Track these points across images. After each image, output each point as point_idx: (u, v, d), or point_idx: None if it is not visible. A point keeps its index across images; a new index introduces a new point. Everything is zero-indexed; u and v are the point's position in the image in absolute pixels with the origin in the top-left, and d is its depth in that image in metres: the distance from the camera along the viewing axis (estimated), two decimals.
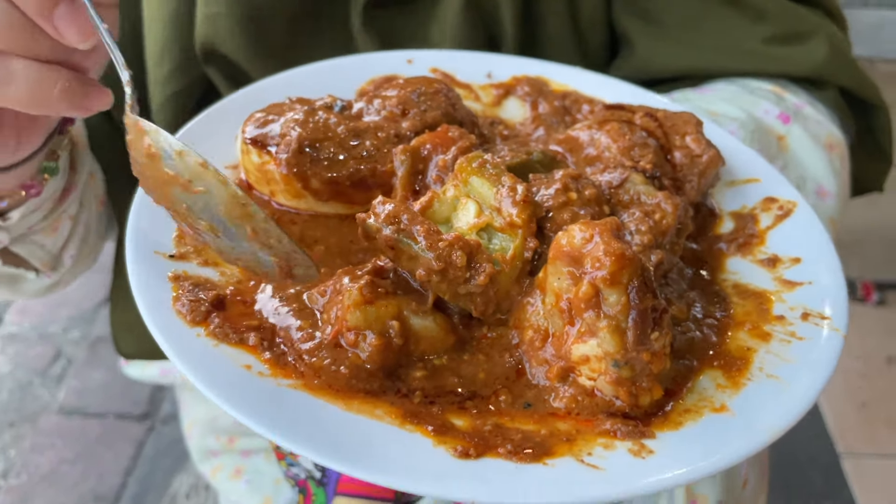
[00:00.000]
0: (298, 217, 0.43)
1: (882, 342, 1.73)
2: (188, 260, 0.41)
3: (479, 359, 0.37)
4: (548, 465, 0.33)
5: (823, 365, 0.39)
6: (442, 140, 0.42)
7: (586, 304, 0.33)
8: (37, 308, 2.07)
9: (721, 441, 0.35)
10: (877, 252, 1.79)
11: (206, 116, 0.49)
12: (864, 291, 1.81)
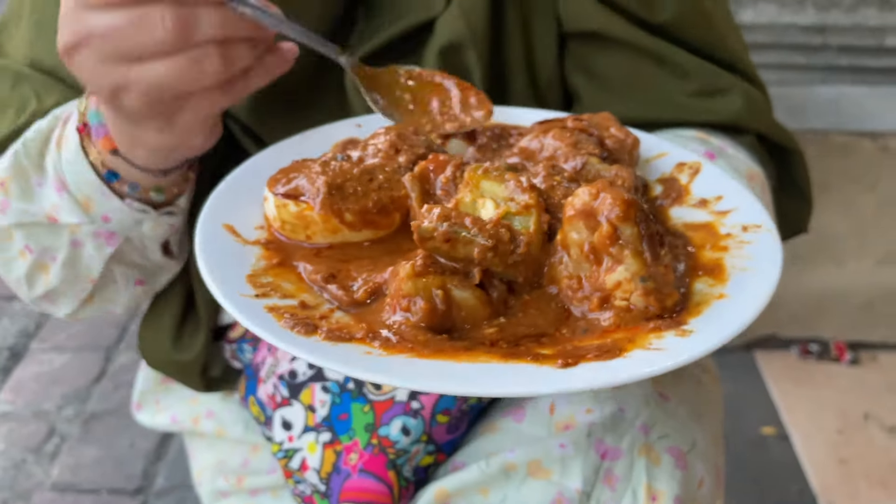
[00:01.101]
0: (331, 250, 0.50)
1: (858, 400, 1.79)
2: (269, 297, 0.46)
3: (531, 313, 0.45)
4: (626, 357, 0.42)
5: (776, 251, 0.51)
6: (437, 163, 0.51)
7: (610, 241, 0.43)
8: (31, 386, 2.10)
9: (733, 312, 0.46)
10: (847, 314, 1.87)
11: (224, 188, 0.56)
12: (838, 352, 1.88)
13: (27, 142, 0.66)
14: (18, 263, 0.69)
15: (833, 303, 1.87)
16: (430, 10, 0.70)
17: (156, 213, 0.65)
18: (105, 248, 0.66)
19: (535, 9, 0.72)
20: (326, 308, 0.45)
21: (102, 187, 0.63)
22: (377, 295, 0.44)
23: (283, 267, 0.47)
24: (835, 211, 1.72)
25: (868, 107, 1.73)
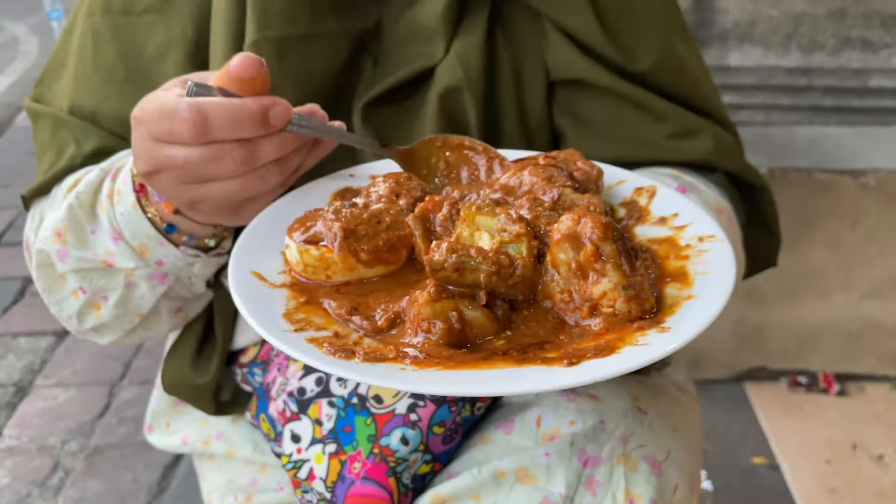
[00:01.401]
0: (348, 286, 0.56)
1: (846, 430, 1.83)
2: (306, 331, 0.51)
3: (532, 325, 0.52)
4: (619, 353, 0.48)
5: (730, 256, 0.57)
6: (434, 203, 0.58)
7: (594, 258, 0.50)
8: (36, 421, 2.13)
9: (702, 309, 0.52)
10: (834, 346, 1.92)
11: (245, 240, 0.61)
12: (826, 383, 1.92)
13: (80, 195, 0.72)
14: (70, 302, 0.74)
15: (820, 335, 1.91)
16: (431, 58, 0.76)
17: (206, 256, 0.71)
18: (158, 287, 0.72)
19: (526, 58, 0.78)
20: (356, 336, 0.51)
21: (160, 238, 0.68)
22: (396, 322, 0.50)
23: (311, 304, 0.53)
24: (820, 246, 1.77)
25: (849, 146, 1.80)
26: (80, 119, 0.78)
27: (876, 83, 2.43)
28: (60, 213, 0.72)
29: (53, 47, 0.85)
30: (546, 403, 0.65)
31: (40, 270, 0.75)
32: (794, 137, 1.85)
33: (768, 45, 2.38)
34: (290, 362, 0.71)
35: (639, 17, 0.79)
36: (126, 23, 0.76)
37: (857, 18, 2.33)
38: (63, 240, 0.72)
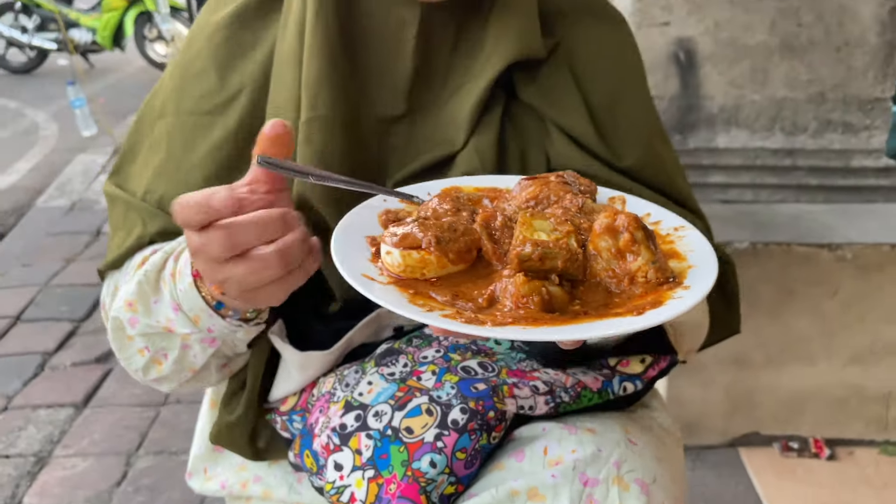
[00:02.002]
0: (438, 280, 0.67)
1: (837, 494, 1.90)
2: (435, 311, 0.62)
3: (590, 296, 0.64)
4: (667, 304, 0.60)
5: (702, 238, 0.70)
6: (491, 214, 0.70)
7: (631, 243, 0.63)
8: (55, 490, 2.19)
9: (704, 273, 0.64)
10: (822, 411, 2.00)
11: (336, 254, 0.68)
12: (817, 448, 2.00)
13: (147, 273, 0.84)
14: (137, 358, 0.86)
15: (808, 401, 2.00)
16: (452, 147, 0.87)
17: (248, 326, 0.82)
18: (208, 349, 0.84)
19: (531, 151, 0.89)
20: (468, 314, 0.62)
21: (210, 311, 0.79)
22: (493, 301, 0.62)
23: (419, 296, 0.64)
24: (802, 315, 1.87)
25: (825, 221, 1.92)
26: (148, 204, 0.90)
27: (858, 163, 2.52)
28: (131, 286, 0.84)
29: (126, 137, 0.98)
30: (551, 436, 0.75)
31: (114, 333, 0.86)
32: (774, 214, 1.98)
33: (753, 127, 2.48)
34: (331, 404, 0.81)
35: (624, 123, 0.91)
36: (192, 121, 0.89)
37: (836, 103, 2.45)
38: (133, 309, 0.83)
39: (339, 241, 0.68)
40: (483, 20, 0.86)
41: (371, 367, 0.82)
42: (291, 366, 0.89)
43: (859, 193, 2.52)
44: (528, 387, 0.78)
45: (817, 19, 2.34)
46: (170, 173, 0.90)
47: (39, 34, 7.77)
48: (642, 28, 2.37)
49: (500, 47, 0.85)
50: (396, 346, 0.85)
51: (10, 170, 5.14)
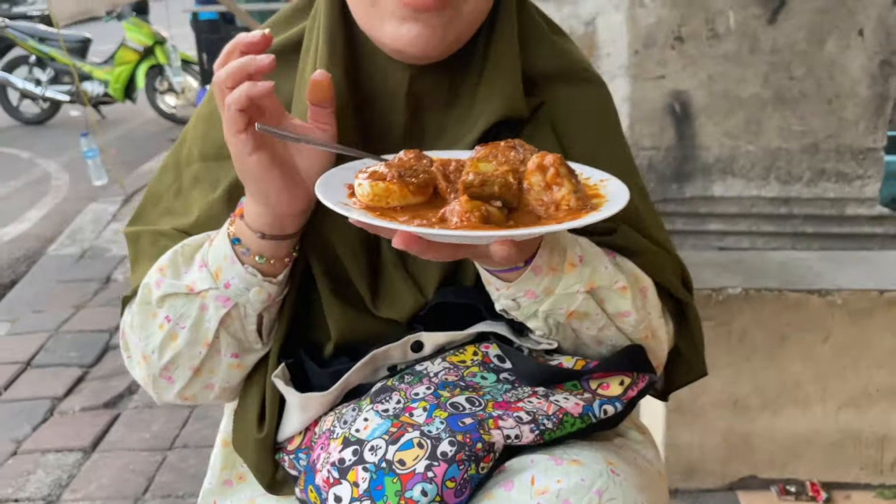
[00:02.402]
0: (400, 209, 0.77)
1: None
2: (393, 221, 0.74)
3: (523, 217, 0.74)
4: (583, 217, 0.72)
5: (621, 184, 0.80)
6: (446, 162, 0.81)
7: (556, 177, 0.74)
8: None
9: (615, 202, 0.75)
10: (818, 455, 2.02)
11: (320, 187, 0.79)
12: (814, 492, 2.02)
13: (185, 245, 0.92)
14: (156, 335, 0.91)
15: (805, 445, 2.03)
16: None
17: (261, 279, 0.87)
18: (221, 308, 0.89)
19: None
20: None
21: (233, 257, 0.86)
22: (443, 219, 0.73)
23: (384, 216, 0.75)
24: (795, 359, 1.91)
25: (815, 268, 1.97)
26: (178, 232, 0.97)
27: (853, 211, 2.56)
28: (167, 255, 0.92)
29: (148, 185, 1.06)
30: (538, 467, 0.80)
31: (139, 307, 0.92)
32: (766, 261, 2.03)
33: (748, 176, 2.52)
34: (331, 440, 0.86)
35: None
36: (216, 166, 0.97)
37: (829, 153, 2.49)
38: (163, 272, 0.91)
39: (323, 182, 0.80)
40: (472, 82, 0.93)
41: (367, 405, 0.87)
42: (293, 407, 0.93)
43: (855, 241, 2.56)
44: (512, 417, 0.82)
45: (808, 73, 2.41)
46: (196, 209, 0.97)
47: (53, 86, 7.94)
48: (638, 81, 2.44)
49: (488, 106, 0.91)
50: (390, 384, 0.89)
51: (22, 218, 5.24)
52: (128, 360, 0.99)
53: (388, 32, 0.85)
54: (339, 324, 0.94)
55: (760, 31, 2.36)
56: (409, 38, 0.84)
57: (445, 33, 0.85)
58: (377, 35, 0.87)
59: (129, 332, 0.96)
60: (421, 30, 0.83)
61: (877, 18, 2.37)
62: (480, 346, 0.93)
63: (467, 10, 0.86)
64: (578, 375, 0.90)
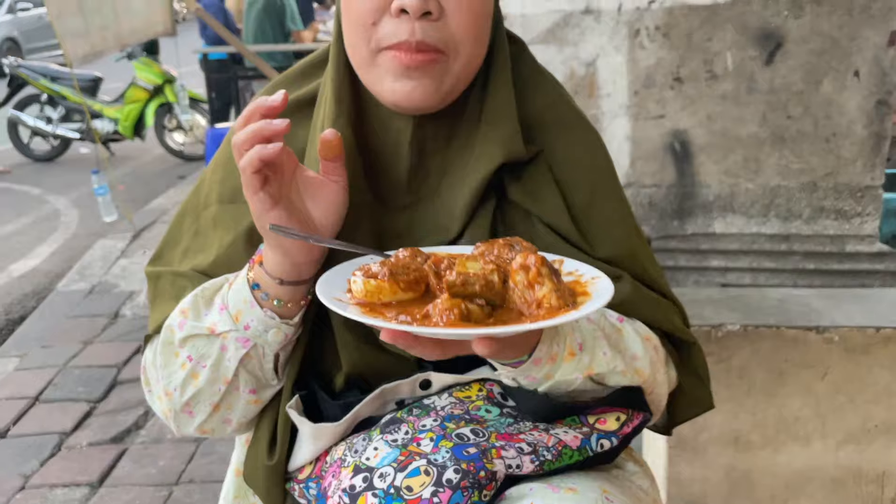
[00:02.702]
0: (391, 305, 0.81)
1: None
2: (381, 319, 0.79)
3: (505, 315, 0.78)
4: (559, 316, 0.75)
5: (609, 282, 0.83)
6: (438, 259, 0.85)
7: (537, 276, 0.77)
8: None
9: (602, 297, 0.78)
10: (820, 491, 2.02)
11: (320, 287, 0.84)
12: None
13: (205, 288, 0.96)
14: (178, 374, 0.95)
15: (806, 481, 2.03)
16: (448, 235, 0.98)
17: (279, 321, 0.92)
18: (241, 349, 0.93)
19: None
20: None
21: (252, 301, 0.91)
22: (427, 317, 0.77)
23: (373, 312, 0.79)
24: (794, 396, 1.93)
25: (813, 305, 1.99)
26: (196, 273, 1.01)
27: (853, 248, 2.58)
28: (188, 299, 0.96)
29: (167, 229, 1.10)
30: (537, 495, 0.82)
31: (162, 347, 0.96)
32: (764, 297, 2.06)
33: (749, 213, 2.56)
34: (342, 468, 0.90)
35: (599, 219, 1.02)
36: (233, 209, 1.02)
37: (828, 190, 2.53)
38: (185, 315, 0.95)
39: (323, 280, 0.85)
40: (472, 128, 0.98)
41: (377, 435, 0.90)
42: (306, 437, 0.97)
43: (855, 277, 2.57)
44: (514, 448, 0.86)
45: (805, 112, 2.45)
46: (214, 249, 1.02)
47: (63, 124, 8.05)
48: (639, 120, 2.49)
49: (489, 151, 0.96)
50: (399, 416, 0.93)
51: (31, 254, 5.30)
52: (148, 394, 1.03)
53: (387, 88, 0.91)
54: (352, 357, 0.98)
55: (758, 71, 2.41)
56: (405, 92, 0.90)
57: (439, 87, 0.92)
58: (377, 90, 0.93)
59: (151, 368, 1.00)
60: (415, 85, 0.90)
61: (872, 59, 2.41)
62: (485, 384, 0.97)
63: (458, 66, 0.92)
64: (578, 412, 0.94)
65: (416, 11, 0.86)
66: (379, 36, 0.90)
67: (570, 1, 2.39)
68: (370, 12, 0.89)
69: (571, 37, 2.42)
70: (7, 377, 3.39)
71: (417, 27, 0.88)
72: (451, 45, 0.90)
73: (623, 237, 1.04)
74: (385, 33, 0.89)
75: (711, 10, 2.35)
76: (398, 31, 0.88)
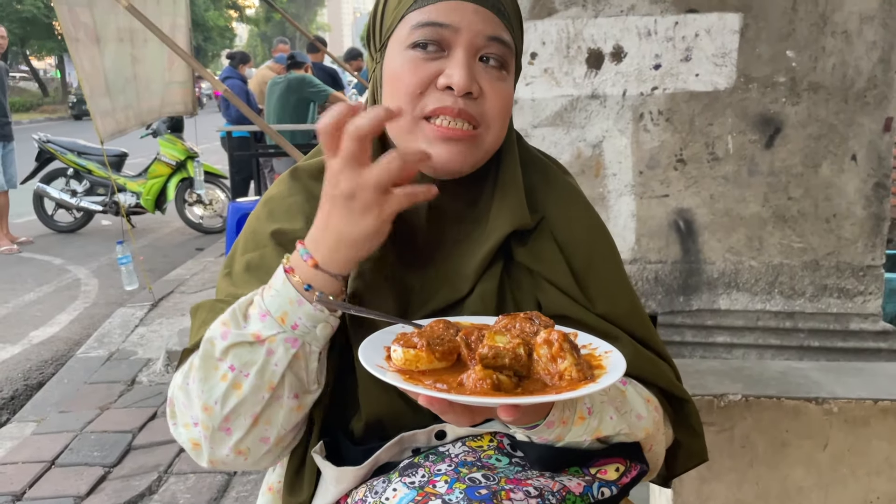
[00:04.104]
0: (426, 372, 0.89)
1: None
2: (420, 385, 0.85)
3: (530, 385, 0.84)
4: (580, 388, 0.82)
5: (621, 356, 0.90)
6: (469, 332, 0.92)
7: (560, 351, 0.84)
8: None
9: (613, 375, 0.84)
10: None
11: (362, 353, 0.91)
12: None
13: (240, 304, 0.99)
14: (219, 386, 0.97)
15: None
16: (459, 293, 1.07)
17: (328, 314, 0.97)
18: (290, 350, 0.97)
19: (525, 299, 1.09)
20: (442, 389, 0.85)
21: (299, 297, 0.95)
22: (461, 385, 0.84)
23: (412, 379, 0.86)
24: (797, 466, 1.96)
25: (812, 377, 2.05)
26: (234, 298, 1.05)
27: (856, 326, 2.62)
28: (226, 313, 0.99)
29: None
30: None
31: (202, 361, 0.99)
32: (765, 369, 2.12)
33: (753, 291, 2.63)
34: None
35: (597, 281, 1.11)
36: (272, 246, 1.10)
37: (830, 269, 2.60)
38: (226, 325, 0.98)
39: (365, 346, 0.93)
40: (486, 198, 1.10)
41: (396, 478, 0.98)
42: (329, 480, 1.04)
43: (860, 356, 2.62)
44: (521, 491, 0.93)
45: (806, 194, 2.54)
46: (252, 283, 1.08)
47: (87, 197, 8.27)
48: (644, 199, 2.58)
49: (500, 221, 1.07)
50: (416, 461, 1.00)
51: (51, 322, 5.40)
52: (174, 426, 1.05)
53: (429, 151, 1.00)
54: (373, 407, 1.06)
55: (758, 154, 2.50)
56: (446, 157, 1.01)
57: (473, 154, 1.03)
58: None
59: (180, 393, 1.03)
60: (453, 151, 1.01)
61: (868, 144, 2.50)
62: (496, 435, 1.04)
63: (489, 140, 1.04)
64: (580, 463, 1.01)
65: (461, 90, 0.99)
66: (423, 104, 1.01)
67: (576, 86, 2.52)
68: (419, 84, 1.01)
69: (578, 120, 2.54)
70: (24, 441, 3.44)
71: (460, 101, 1.00)
72: (485, 121, 1.02)
73: (621, 295, 1.13)
74: (429, 101, 1.01)
75: (712, 97, 2.47)
76: (443, 99, 1.00)
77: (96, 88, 4.95)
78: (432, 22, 0.99)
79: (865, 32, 2.40)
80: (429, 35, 1.00)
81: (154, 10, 5.55)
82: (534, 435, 0.96)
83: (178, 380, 1.04)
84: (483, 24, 1.00)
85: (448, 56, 1.00)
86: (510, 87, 1.06)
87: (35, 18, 27.45)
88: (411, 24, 1.01)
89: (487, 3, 1.01)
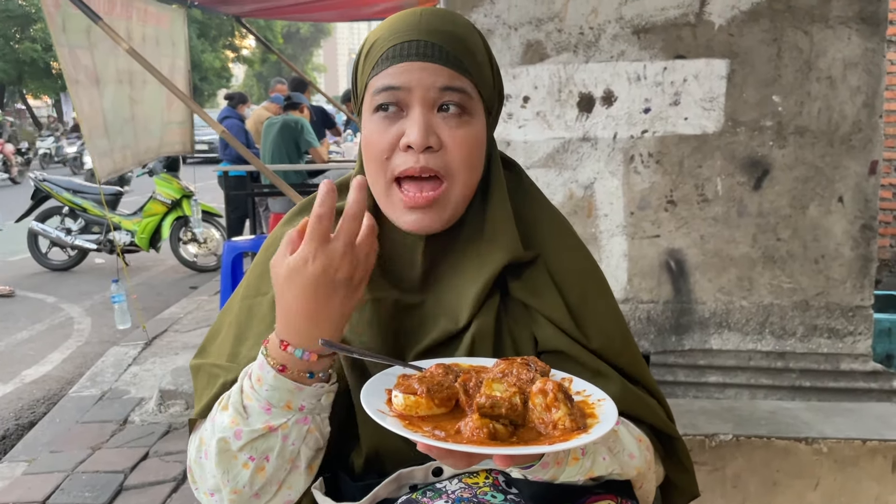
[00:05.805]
0: (426, 417, 0.91)
1: None
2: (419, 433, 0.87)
3: (525, 433, 0.87)
4: (574, 440, 0.83)
5: (613, 405, 0.92)
6: (468, 378, 0.94)
7: (554, 401, 0.86)
8: None
9: (605, 425, 0.86)
10: None
11: (364, 397, 0.94)
12: None
13: (234, 403, 1.02)
14: (243, 474, 1.02)
15: None
16: (456, 325, 1.10)
17: (327, 385, 1.01)
18: (303, 428, 1.01)
19: (521, 333, 1.12)
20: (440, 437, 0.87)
21: (298, 385, 0.99)
22: (459, 432, 0.87)
23: (411, 425, 0.89)
24: None
25: (802, 417, 2.07)
26: (227, 362, 1.12)
27: (847, 366, 2.62)
28: (229, 413, 1.03)
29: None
30: None
31: (219, 457, 1.03)
32: (755, 409, 2.13)
33: (744, 330, 2.64)
34: None
35: (591, 317, 1.14)
36: (256, 302, 1.15)
37: (819, 309, 2.62)
38: (235, 423, 1.02)
39: (366, 390, 0.96)
40: (477, 238, 1.13)
41: None
42: None
43: (850, 396, 2.61)
44: None
45: (794, 235, 2.57)
46: (240, 340, 1.14)
47: (81, 236, 8.28)
48: (635, 239, 2.62)
49: (494, 256, 1.11)
50: (414, 497, 1.02)
51: (44, 360, 5.38)
52: (196, 491, 1.10)
53: (398, 218, 1.08)
54: (373, 441, 1.08)
55: (747, 196, 2.54)
56: (413, 222, 1.07)
57: (442, 215, 1.08)
58: (391, 217, 1.10)
59: (197, 468, 1.07)
60: (422, 217, 1.07)
61: (854, 187, 2.54)
62: (491, 473, 1.06)
63: (456, 190, 1.08)
64: (573, 499, 1.03)
65: (419, 147, 1.04)
66: (392, 167, 1.06)
67: (568, 129, 2.57)
68: (385, 148, 1.06)
69: (570, 162, 2.59)
70: (15, 481, 3.41)
71: (422, 157, 1.04)
72: (449, 172, 1.06)
73: (615, 331, 1.17)
74: (396, 164, 1.06)
75: (701, 140, 2.51)
76: (406, 160, 1.05)
77: (95, 129, 4.99)
78: (388, 86, 1.05)
79: (849, 78, 2.45)
80: (387, 98, 1.05)
81: (153, 52, 5.63)
82: (529, 474, 0.98)
83: (192, 454, 1.10)
84: (433, 77, 1.05)
85: (407, 115, 1.06)
86: (476, 128, 1.09)
87: (33, 61, 27.73)
88: (373, 90, 1.07)
89: (434, 57, 1.05)
